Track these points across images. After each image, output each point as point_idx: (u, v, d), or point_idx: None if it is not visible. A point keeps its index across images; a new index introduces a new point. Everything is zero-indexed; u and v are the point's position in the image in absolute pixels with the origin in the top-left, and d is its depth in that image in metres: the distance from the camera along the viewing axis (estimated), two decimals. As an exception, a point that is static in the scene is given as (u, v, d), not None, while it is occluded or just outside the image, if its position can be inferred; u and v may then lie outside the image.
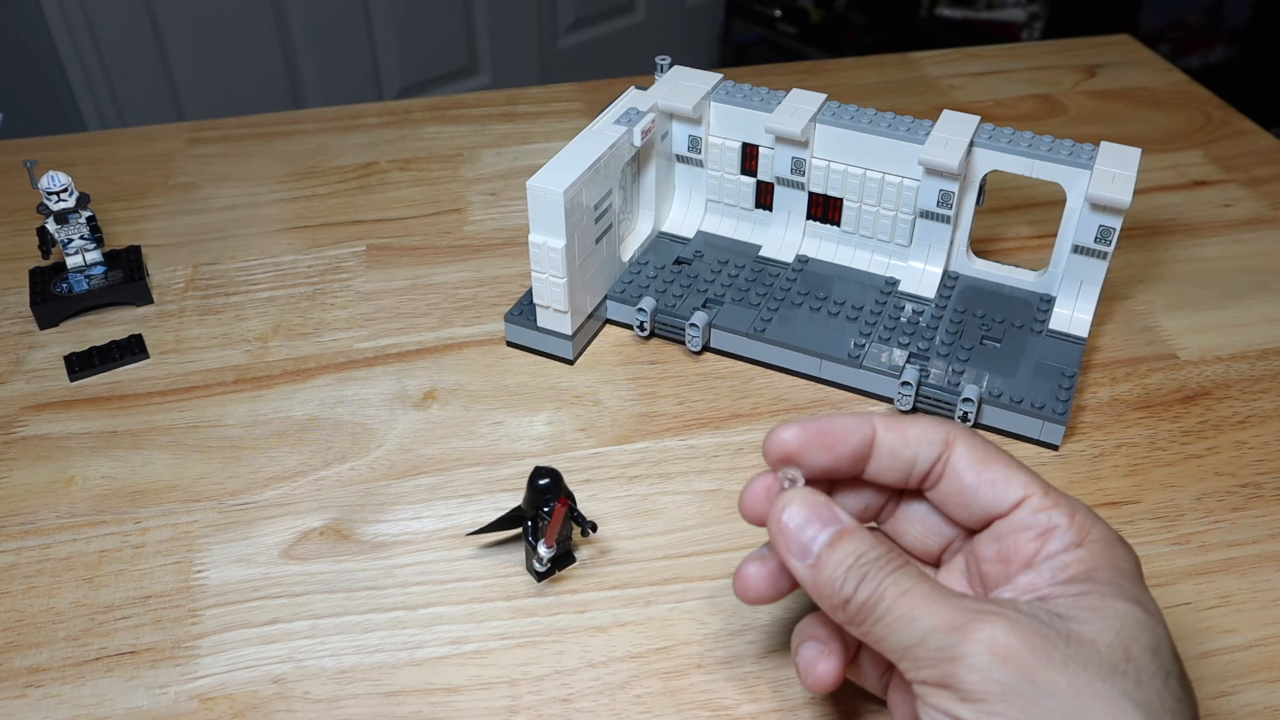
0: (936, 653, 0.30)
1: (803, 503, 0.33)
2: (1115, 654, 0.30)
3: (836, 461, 0.35)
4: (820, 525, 0.33)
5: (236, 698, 0.40)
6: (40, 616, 0.43)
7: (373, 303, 0.61)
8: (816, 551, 0.32)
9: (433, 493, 0.49)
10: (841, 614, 0.32)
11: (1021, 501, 0.34)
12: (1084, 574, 0.32)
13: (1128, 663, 0.30)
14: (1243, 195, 0.71)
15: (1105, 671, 0.29)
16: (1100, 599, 0.31)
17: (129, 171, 0.74)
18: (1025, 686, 0.29)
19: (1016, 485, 0.34)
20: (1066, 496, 0.35)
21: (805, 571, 0.33)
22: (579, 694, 0.40)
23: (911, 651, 0.30)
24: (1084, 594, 0.31)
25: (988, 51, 0.92)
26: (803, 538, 0.33)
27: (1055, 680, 0.29)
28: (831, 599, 0.32)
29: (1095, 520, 0.34)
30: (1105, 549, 0.33)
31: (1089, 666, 0.29)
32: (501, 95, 0.84)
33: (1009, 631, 0.29)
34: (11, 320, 0.60)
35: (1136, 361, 0.57)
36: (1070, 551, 0.33)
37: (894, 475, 0.36)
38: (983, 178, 0.56)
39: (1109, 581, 0.32)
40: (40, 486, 0.49)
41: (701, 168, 0.62)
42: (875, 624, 0.31)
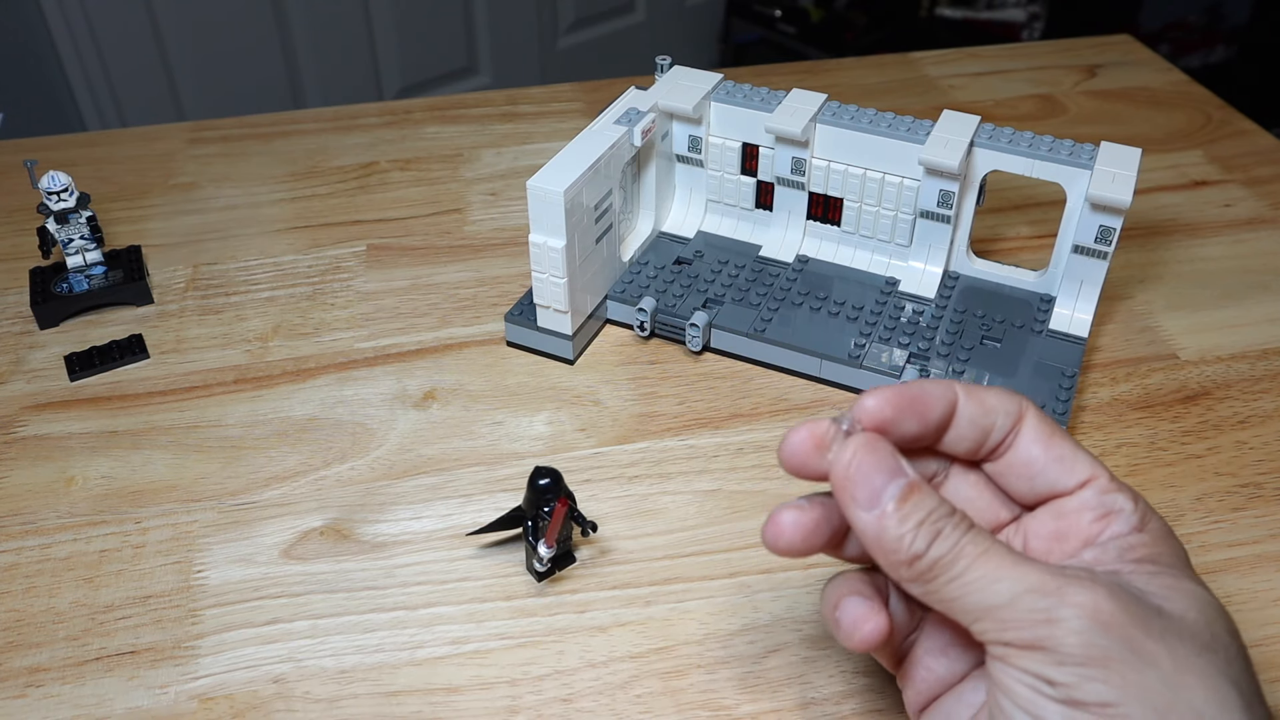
0: (1028, 615, 0.28)
1: (872, 449, 0.31)
2: (1203, 632, 0.29)
3: (925, 429, 0.33)
4: (888, 475, 0.31)
5: (237, 698, 0.40)
6: (40, 616, 0.43)
7: (373, 303, 0.61)
8: (886, 502, 0.30)
9: (433, 493, 0.49)
10: (905, 571, 0.30)
11: (1088, 482, 0.33)
12: (1150, 556, 0.32)
13: (1215, 640, 0.29)
14: (1243, 195, 0.71)
15: (1199, 647, 0.28)
16: (1174, 579, 0.31)
17: (129, 171, 0.74)
18: (1128, 654, 0.28)
19: (1083, 465, 0.33)
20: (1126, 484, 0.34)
21: (870, 523, 0.30)
22: (579, 694, 0.40)
23: (996, 613, 0.29)
24: (1157, 574, 0.31)
25: (988, 51, 0.92)
26: (872, 485, 0.31)
27: (1156, 650, 0.28)
28: (897, 554, 0.30)
29: (1153, 510, 0.33)
30: (1166, 537, 0.32)
31: (1185, 640, 0.28)
32: (502, 95, 0.84)
33: (1109, 597, 0.28)
34: (12, 320, 0.60)
35: (1137, 361, 0.57)
36: (1135, 534, 0.32)
37: (966, 445, 0.34)
38: (983, 178, 0.56)
39: (1175, 566, 0.31)
40: (40, 486, 0.49)
41: (702, 168, 0.62)
42: (948, 583, 0.30)
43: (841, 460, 0.31)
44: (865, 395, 0.33)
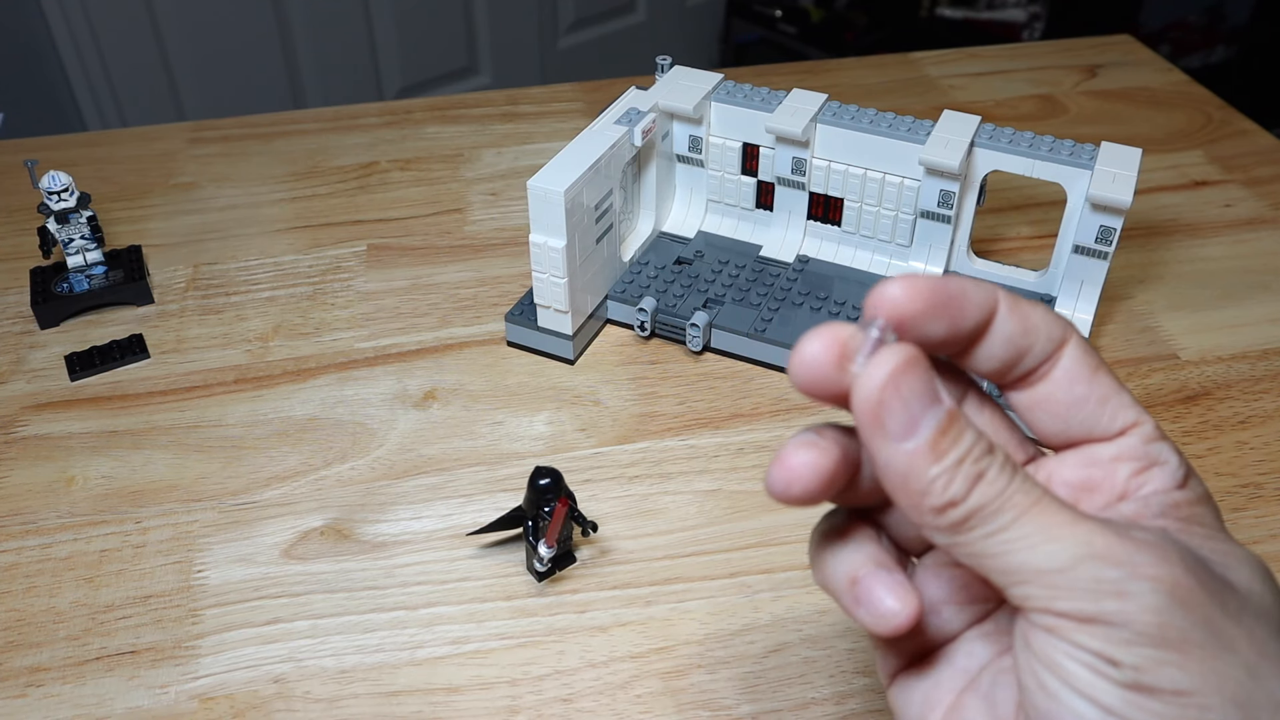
0: (1092, 584, 0.24)
1: (911, 366, 0.24)
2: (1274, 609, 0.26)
3: (955, 336, 0.27)
4: (928, 400, 0.24)
5: (237, 697, 0.40)
6: (41, 616, 0.43)
7: (373, 303, 0.61)
8: (923, 434, 0.24)
9: (433, 493, 0.49)
10: (934, 518, 0.25)
11: (1130, 428, 0.28)
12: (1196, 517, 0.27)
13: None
14: (1243, 195, 0.71)
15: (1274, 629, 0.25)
16: (1228, 544, 0.27)
17: (129, 171, 0.74)
18: (1208, 636, 0.24)
19: (1128, 409, 0.28)
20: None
21: (900, 459, 0.24)
22: (579, 694, 0.40)
23: (1048, 578, 0.24)
24: (1209, 537, 0.27)
25: (988, 51, 0.92)
26: (910, 412, 0.24)
27: (1235, 634, 0.24)
28: (928, 498, 0.24)
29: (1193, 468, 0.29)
30: (1207, 497, 0.28)
31: (1261, 621, 0.25)
32: (502, 95, 0.84)
33: (1186, 571, 0.24)
34: (12, 320, 0.60)
35: (1137, 362, 0.57)
36: (1178, 491, 0.28)
37: (994, 364, 0.28)
38: (983, 178, 0.56)
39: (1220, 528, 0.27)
40: (41, 486, 0.49)
41: (702, 168, 0.62)
42: (988, 538, 0.24)
43: (873, 379, 0.24)
44: (889, 281, 0.26)
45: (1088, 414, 0.28)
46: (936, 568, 0.30)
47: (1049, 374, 0.28)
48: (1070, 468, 0.29)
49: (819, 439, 0.27)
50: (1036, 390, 0.29)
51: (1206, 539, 0.26)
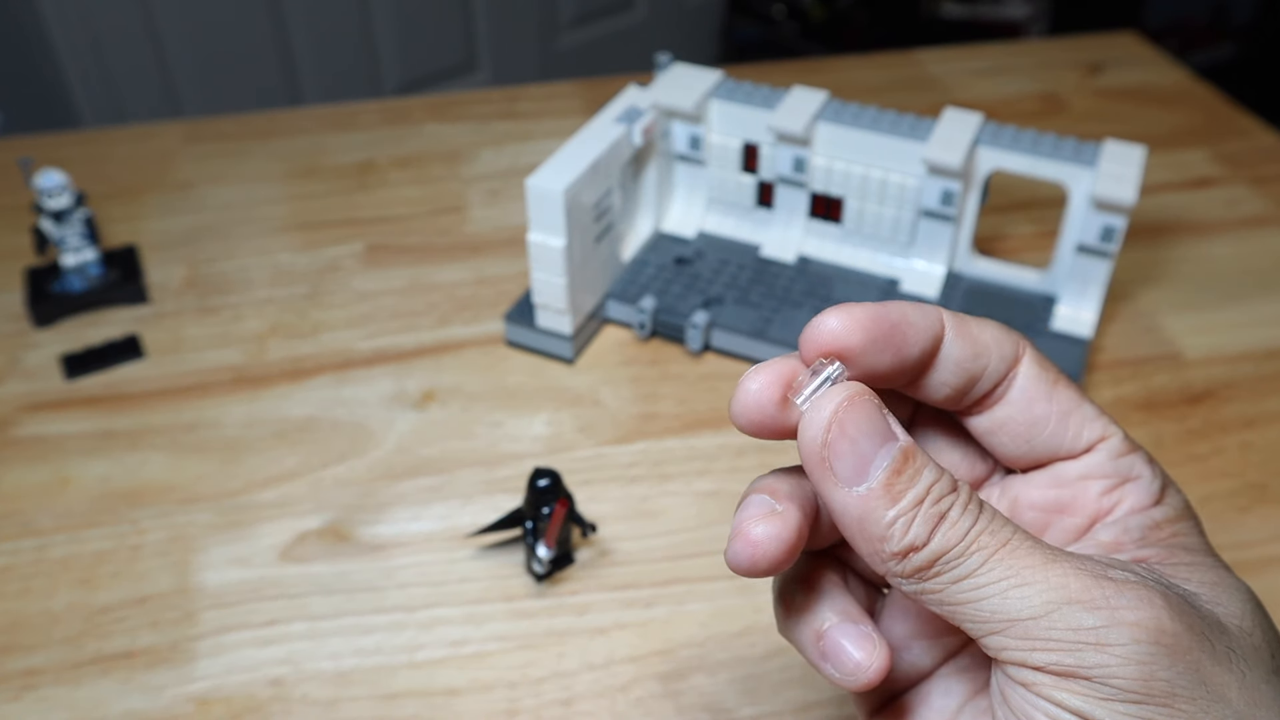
0: (1069, 633, 0.22)
1: (858, 405, 0.23)
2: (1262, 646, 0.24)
3: (900, 366, 0.25)
4: (879, 439, 0.23)
5: (234, 700, 0.40)
6: (36, 618, 0.43)
7: (371, 302, 0.61)
8: (875, 475, 0.23)
9: (432, 494, 0.48)
10: (896, 565, 0.23)
11: (1098, 443, 0.27)
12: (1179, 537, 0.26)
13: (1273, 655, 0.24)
14: (1248, 194, 0.71)
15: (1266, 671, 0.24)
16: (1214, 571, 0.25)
17: (125, 170, 0.73)
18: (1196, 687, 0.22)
19: (1094, 422, 0.27)
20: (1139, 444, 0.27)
21: (853, 503, 0.23)
22: (579, 696, 0.40)
23: (1022, 628, 0.22)
24: (1194, 564, 0.25)
25: (991, 49, 0.91)
26: (859, 454, 0.23)
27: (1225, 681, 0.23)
28: (889, 544, 0.23)
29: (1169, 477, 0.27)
30: (1187, 510, 0.27)
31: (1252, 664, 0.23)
32: (501, 94, 0.83)
33: (1171, 616, 0.22)
34: (7, 320, 0.60)
35: (1140, 362, 0.56)
36: (1156, 508, 0.26)
37: (945, 392, 0.27)
38: (986, 176, 0.55)
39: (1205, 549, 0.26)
40: (36, 487, 0.49)
41: (702, 166, 0.61)
42: (957, 584, 0.23)
43: (817, 421, 0.23)
44: (826, 313, 0.24)
45: (1050, 432, 0.27)
46: (905, 602, 0.28)
47: (1005, 395, 0.27)
48: (1038, 489, 0.28)
49: (775, 504, 0.25)
50: (995, 413, 0.27)
51: (1193, 568, 0.25)
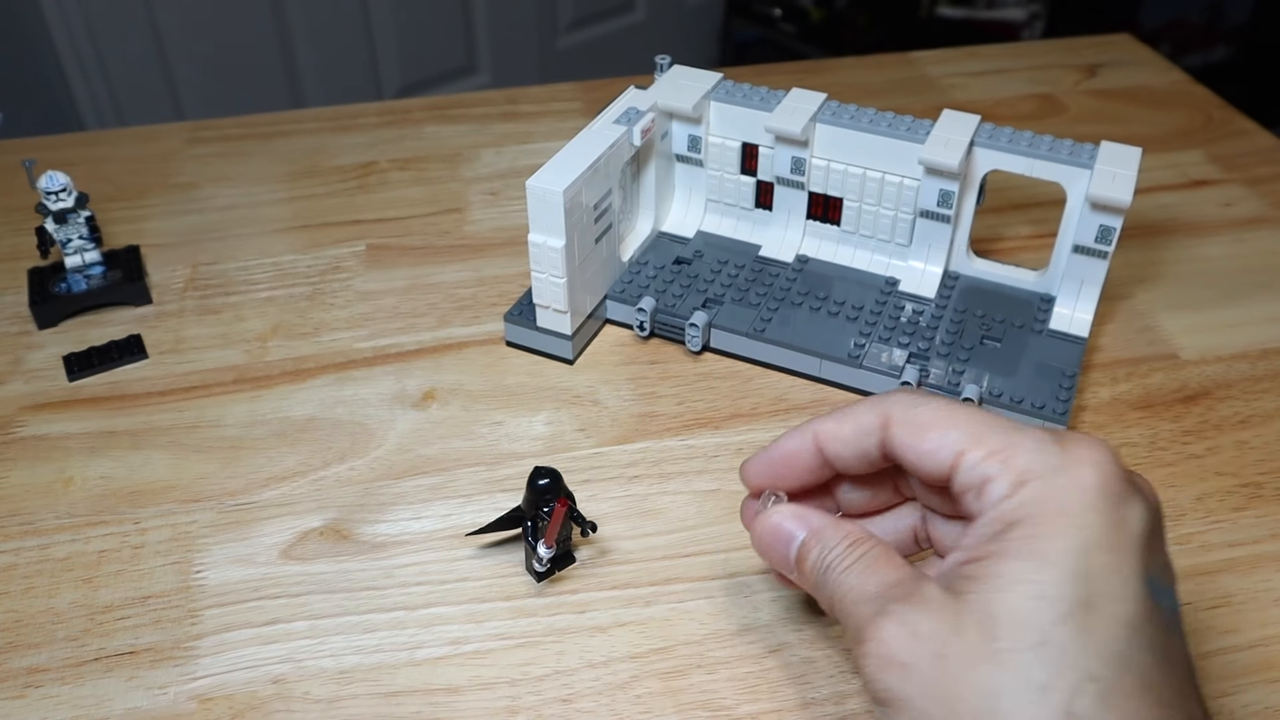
0: (853, 643, 0.31)
1: (769, 527, 0.36)
2: (1027, 628, 0.28)
3: (804, 479, 0.37)
4: (786, 543, 0.35)
5: (236, 698, 0.40)
6: (39, 617, 0.43)
7: (372, 302, 0.61)
8: (791, 558, 0.35)
9: (432, 493, 0.49)
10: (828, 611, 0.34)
11: (957, 462, 0.32)
12: (1014, 523, 0.30)
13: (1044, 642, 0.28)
14: (1243, 195, 0.71)
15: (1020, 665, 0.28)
16: (1017, 555, 0.29)
17: (128, 171, 0.74)
18: (920, 699, 0.29)
19: (949, 445, 0.32)
20: (1021, 436, 0.31)
21: (795, 578, 0.36)
22: (579, 694, 0.40)
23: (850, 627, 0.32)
24: (998, 554, 0.30)
25: (988, 51, 0.92)
26: (777, 555, 0.36)
27: (959, 689, 0.28)
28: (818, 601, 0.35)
29: (1049, 451, 0.31)
30: (1048, 484, 0.30)
31: (1002, 662, 0.28)
32: (501, 95, 0.84)
33: (906, 632, 0.30)
34: (10, 320, 0.60)
35: (1137, 361, 0.57)
36: (1004, 503, 0.30)
37: (863, 467, 0.36)
38: (983, 177, 0.56)
39: (1043, 520, 0.29)
40: (39, 487, 0.49)
41: (701, 167, 0.62)
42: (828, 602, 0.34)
43: (753, 539, 0.36)
44: (745, 462, 0.38)
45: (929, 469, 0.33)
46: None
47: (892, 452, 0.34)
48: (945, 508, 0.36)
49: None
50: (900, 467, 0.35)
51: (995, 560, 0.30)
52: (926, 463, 0.33)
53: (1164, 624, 0.29)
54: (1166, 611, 0.30)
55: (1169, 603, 0.30)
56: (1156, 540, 0.31)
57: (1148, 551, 0.30)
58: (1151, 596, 0.29)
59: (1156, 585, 0.30)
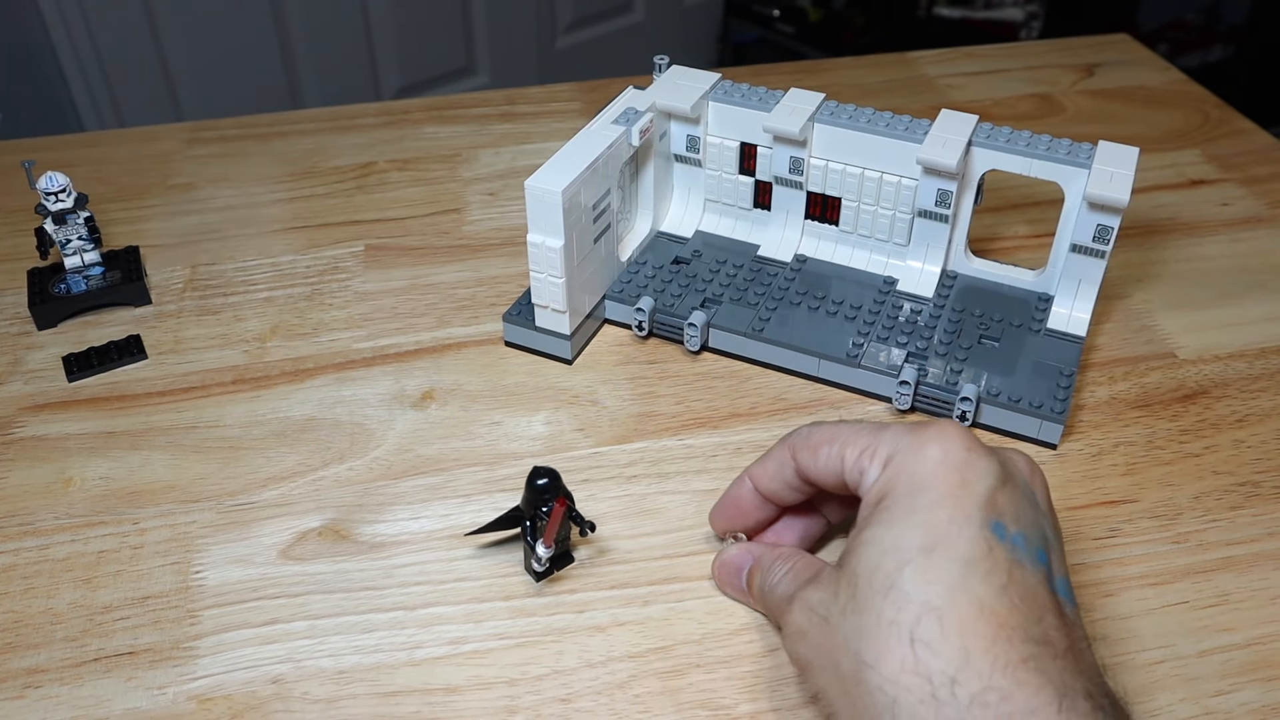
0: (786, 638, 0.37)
1: (722, 563, 0.43)
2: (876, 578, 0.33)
3: (755, 515, 0.43)
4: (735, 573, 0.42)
5: (235, 698, 0.40)
6: (38, 617, 0.43)
7: (371, 303, 0.61)
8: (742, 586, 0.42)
9: (431, 493, 0.49)
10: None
11: (842, 465, 0.37)
12: (880, 497, 0.35)
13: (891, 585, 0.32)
14: (1240, 194, 0.71)
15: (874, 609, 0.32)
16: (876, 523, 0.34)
17: (127, 172, 0.74)
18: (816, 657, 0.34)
19: (834, 454, 0.38)
20: (885, 431, 0.36)
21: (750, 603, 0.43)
22: (578, 694, 0.40)
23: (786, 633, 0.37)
24: (864, 525, 0.35)
25: (986, 51, 0.92)
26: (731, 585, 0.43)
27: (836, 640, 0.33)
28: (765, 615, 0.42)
29: (904, 438, 0.36)
30: (903, 462, 0.35)
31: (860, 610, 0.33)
32: (500, 95, 0.84)
33: (804, 607, 0.35)
34: (10, 321, 0.60)
35: (1134, 360, 0.57)
36: (873, 487, 0.36)
37: (793, 498, 0.42)
38: (981, 177, 0.56)
39: (896, 490, 0.34)
40: (38, 487, 0.49)
41: (700, 167, 0.62)
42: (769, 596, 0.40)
43: (714, 578, 0.44)
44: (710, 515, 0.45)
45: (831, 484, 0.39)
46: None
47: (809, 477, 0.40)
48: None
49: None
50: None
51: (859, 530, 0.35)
52: (826, 476, 0.38)
53: (1008, 560, 0.33)
54: (1012, 549, 0.33)
55: (1017, 542, 0.33)
56: (1006, 492, 0.34)
57: (990, 502, 0.34)
58: (993, 538, 0.33)
59: (1000, 528, 0.33)
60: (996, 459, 0.35)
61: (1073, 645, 0.32)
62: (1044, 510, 0.36)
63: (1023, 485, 0.36)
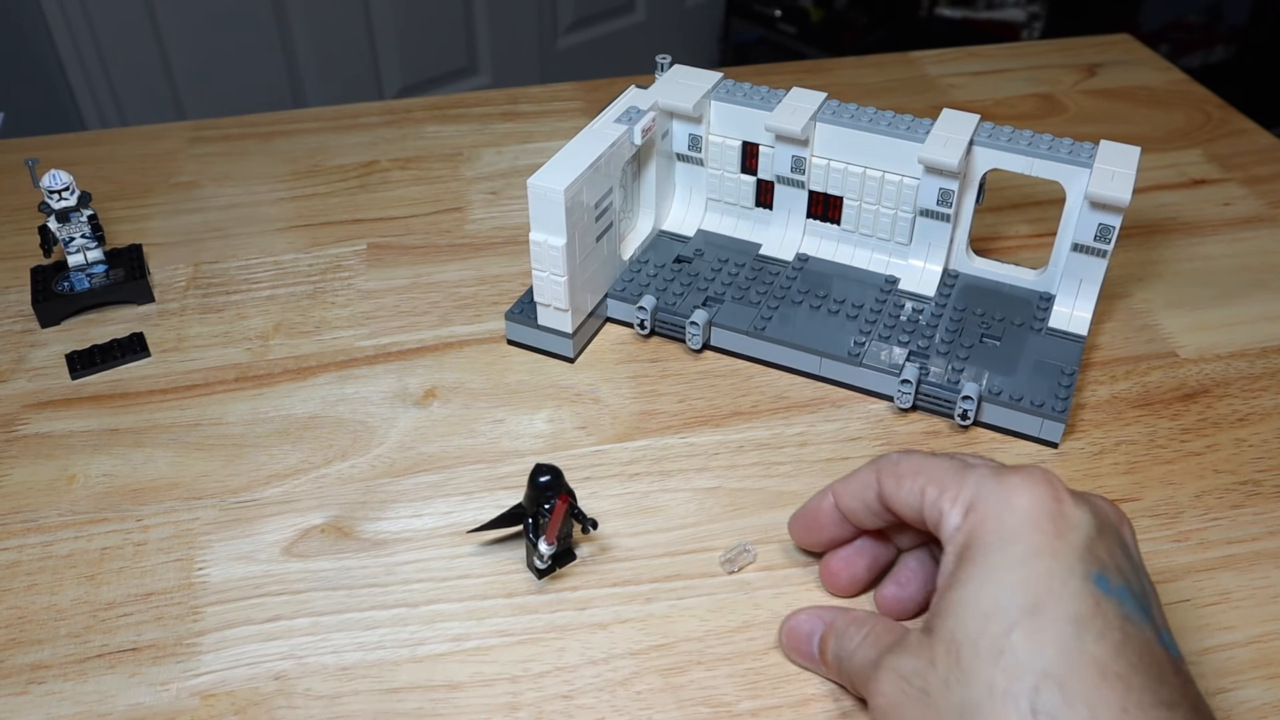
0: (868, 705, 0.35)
1: (790, 630, 0.41)
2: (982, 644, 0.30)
3: (832, 532, 0.41)
4: (807, 639, 0.40)
5: (238, 694, 0.40)
6: (42, 614, 0.43)
7: (373, 301, 0.61)
8: (814, 654, 0.39)
9: (434, 490, 0.49)
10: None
11: (923, 502, 0.35)
12: (964, 549, 0.33)
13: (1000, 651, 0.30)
14: (1242, 194, 0.71)
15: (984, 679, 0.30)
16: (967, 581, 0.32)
17: (130, 170, 0.74)
18: None
19: (916, 489, 0.36)
20: (969, 473, 0.34)
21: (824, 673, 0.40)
22: (580, 690, 0.40)
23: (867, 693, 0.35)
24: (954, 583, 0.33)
25: (987, 50, 0.92)
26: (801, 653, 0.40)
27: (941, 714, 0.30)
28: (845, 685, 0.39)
29: (989, 482, 0.33)
30: (988, 510, 0.33)
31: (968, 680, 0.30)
32: (502, 94, 0.84)
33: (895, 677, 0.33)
34: (13, 319, 0.60)
35: (1136, 359, 0.57)
36: (956, 535, 0.34)
37: (871, 521, 0.40)
38: (982, 176, 0.56)
39: (985, 542, 0.32)
40: (42, 484, 0.49)
41: (702, 166, 0.62)
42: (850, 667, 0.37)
43: (782, 646, 0.41)
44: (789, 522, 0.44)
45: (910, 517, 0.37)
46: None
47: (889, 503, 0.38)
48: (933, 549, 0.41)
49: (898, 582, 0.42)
50: None
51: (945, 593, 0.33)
52: (905, 508, 0.37)
53: (1118, 615, 0.30)
54: (1120, 603, 0.31)
55: (1122, 596, 0.31)
56: (1103, 543, 0.32)
57: (1089, 553, 0.31)
58: (1098, 592, 0.31)
59: (1103, 581, 0.31)
60: (1088, 506, 0.33)
61: (1195, 704, 0.30)
62: (1138, 559, 0.34)
63: (1115, 533, 0.34)
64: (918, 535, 0.41)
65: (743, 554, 0.45)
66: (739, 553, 0.45)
